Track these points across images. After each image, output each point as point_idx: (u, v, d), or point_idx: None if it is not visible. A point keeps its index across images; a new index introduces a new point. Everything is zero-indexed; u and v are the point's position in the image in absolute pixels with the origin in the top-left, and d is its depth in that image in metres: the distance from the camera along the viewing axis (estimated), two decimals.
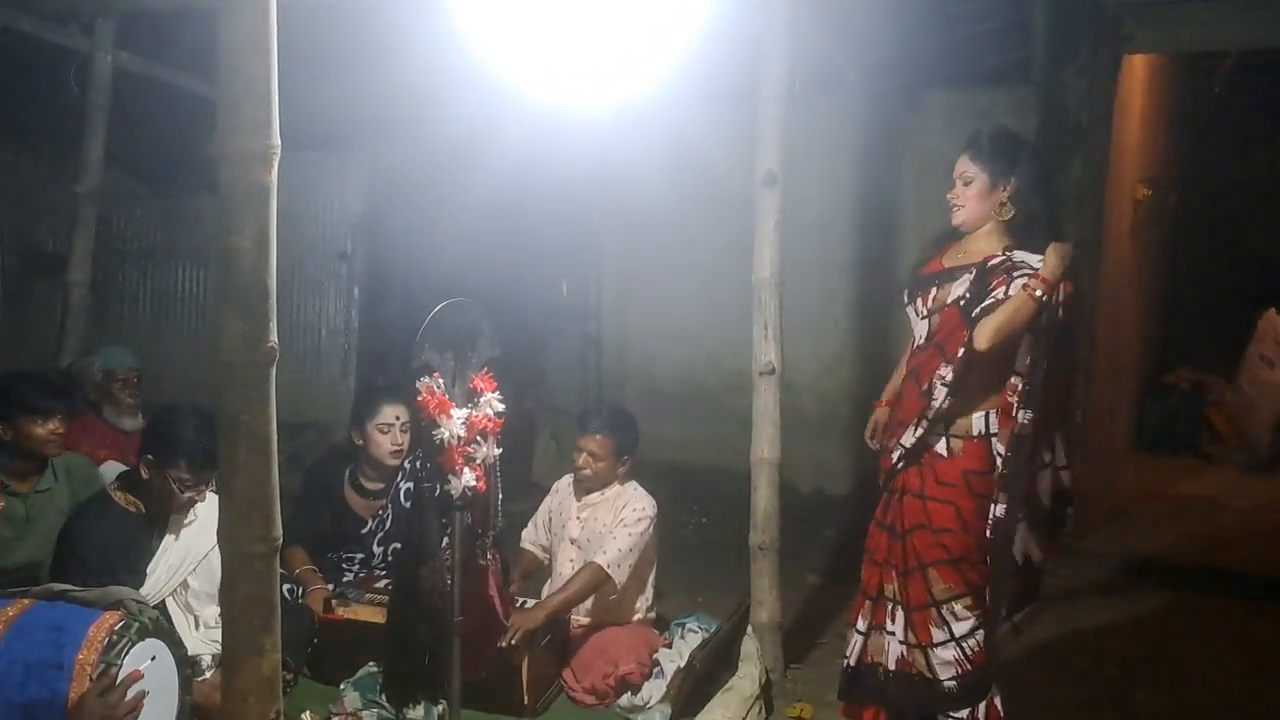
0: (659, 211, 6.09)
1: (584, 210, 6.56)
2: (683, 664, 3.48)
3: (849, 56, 5.07)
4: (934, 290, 2.85)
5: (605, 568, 3.43)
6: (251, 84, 1.73)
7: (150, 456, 3.07)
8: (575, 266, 6.75)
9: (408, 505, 3.70)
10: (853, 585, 3.16)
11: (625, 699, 3.38)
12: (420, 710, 2.99)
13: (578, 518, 3.69)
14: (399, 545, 3.73)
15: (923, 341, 2.88)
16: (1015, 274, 2.70)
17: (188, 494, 3.07)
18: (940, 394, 2.75)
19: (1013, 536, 2.79)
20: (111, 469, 3.83)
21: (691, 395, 6.40)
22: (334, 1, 4.46)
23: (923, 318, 2.88)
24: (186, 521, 3.19)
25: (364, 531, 3.83)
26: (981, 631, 2.81)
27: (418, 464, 3.71)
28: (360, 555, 3.84)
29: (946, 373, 2.74)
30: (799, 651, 3.93)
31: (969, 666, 2.79)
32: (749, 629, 3.60)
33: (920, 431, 2.81)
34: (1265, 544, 5.47)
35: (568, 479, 3.82)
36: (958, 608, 2.79)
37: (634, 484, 3.69)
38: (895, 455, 2.89)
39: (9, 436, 3.23)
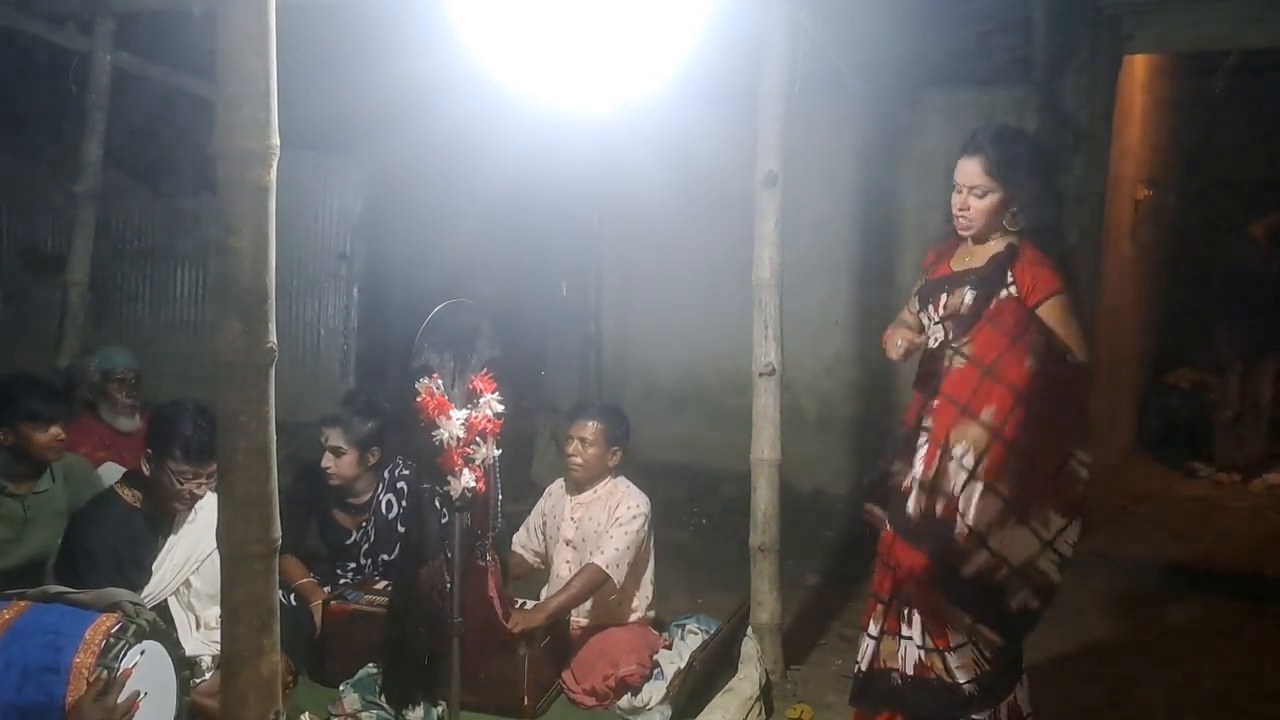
0: (659, 212, 6.08)
1: (584, 210, 6.55)
2: (683, 665, 3.48)
3: (849, 56, 5.06)
4: (944, 297, 2.83)
5: (604, 568, 3.43)
6: (250, 83, 1.72)
7: (149, 451, 3.09)
8: (575, 266, 6.73)
9: (389, 517, 3.72)
10: (853, 586, 3.14)
11: (625, 700, 3.38)
12: (420, 711, 2.99)
13: (571, 518, 3.69)
14: (387, 557, 3.74)
15: (935, 347, 2.85)
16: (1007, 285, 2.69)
17: (186, 486, 3.08)
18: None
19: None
20: (111, 470, 3.82)
21: (691, 395, 6.39)
22: (334, 1, 4.45)
23: (935, 323, 2.86)
24: (190, 520, 3.21)
25: (349, 543, 3.81)
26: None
27: (396, 472, 3.74)
28: (351, 565, 3.82)
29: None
30: (799, 652, 3.93)
31: (987, 668, 2.75)
32: (749, 630, 3.60)
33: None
34: (1265, 545, 5.46)
35: (559, 482, 3.84)
36: None
37: (624, 479, 3.71)
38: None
39: (9, 441, 3.23)
